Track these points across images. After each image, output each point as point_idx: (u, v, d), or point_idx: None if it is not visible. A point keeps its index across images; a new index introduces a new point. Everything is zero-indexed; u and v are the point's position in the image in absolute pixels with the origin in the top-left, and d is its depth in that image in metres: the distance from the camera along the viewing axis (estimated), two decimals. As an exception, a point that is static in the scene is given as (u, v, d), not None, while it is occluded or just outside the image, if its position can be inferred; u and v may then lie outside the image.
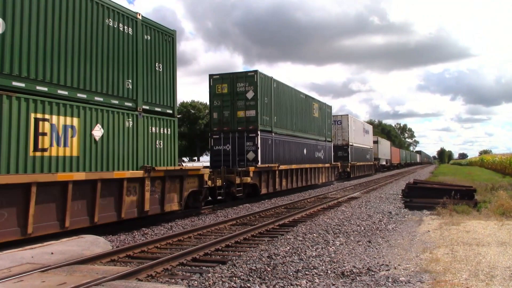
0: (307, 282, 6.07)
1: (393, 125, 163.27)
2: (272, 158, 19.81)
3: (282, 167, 20.67)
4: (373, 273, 6.53)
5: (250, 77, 18.87)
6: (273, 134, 20.18)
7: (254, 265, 7.05)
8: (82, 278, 6.12)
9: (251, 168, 17.45)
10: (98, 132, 10.27)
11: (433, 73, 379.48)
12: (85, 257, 7.48)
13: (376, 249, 8.34)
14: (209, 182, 14.53)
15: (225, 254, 8.36)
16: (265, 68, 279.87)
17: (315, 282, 6.11)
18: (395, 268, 6.79)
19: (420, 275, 6.36)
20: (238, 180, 16.51)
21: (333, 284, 5.97)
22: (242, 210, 15.25)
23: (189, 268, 7.29)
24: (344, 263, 7.19)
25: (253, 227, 10.82)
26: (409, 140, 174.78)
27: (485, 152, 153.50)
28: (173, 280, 6.48)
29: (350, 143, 37.13)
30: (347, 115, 38.06)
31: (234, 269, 6.86)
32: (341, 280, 6.20)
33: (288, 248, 8.40)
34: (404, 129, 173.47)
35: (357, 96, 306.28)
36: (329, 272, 6.63)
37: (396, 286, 5.86)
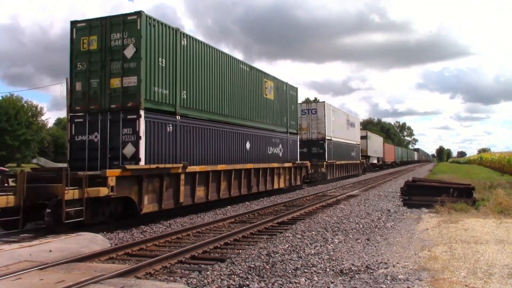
0: (305, 280, 6.07)
1: (392, 123, 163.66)
2: (174, 155, 12.70)
3: (194, 168, 13.40)
4: (371, 271, 6.53)
5: (130, 24, 11.73)
6: (178, 117, 12.97)
7: (253, 263, 7.05)
8: (80, 276, 6.11)
9: (112, 172, 10.33)
10: None
11: (433, 72, 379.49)
12: (84, 255, 7.47)
13: (375, 247, 8.35)
14: None
15: (224, 252, 8.36)
16: (265, 66, 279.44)
17: (314, 280, 6.11)
18: (393, 266, 6.80)
19: (418, 273, 6.36)
20: (72, 194, 9.37)
21: (332, 282, 5.97)
22: (242, 208, 15.23)
23: (188, 266, 7.28)
24: (342, 261, 7.19)
25: (252, 225, 10.82)
26: (408, 138, 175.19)
27: (483, 150, 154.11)
28: (171, 278, 6.47)
29: (327, 137, 30.16)
30: (323, 102, 30.94)
31: (233, 267, 6.86)
32: (340, 278, 6.20)
33: (287, 246, 8.40)
34: (403, 127, 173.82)
35: (357, 94, 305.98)
36: (327, 270, 6.63)
37: (395, 284, 5.86)
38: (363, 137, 46.15)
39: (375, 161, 53.46)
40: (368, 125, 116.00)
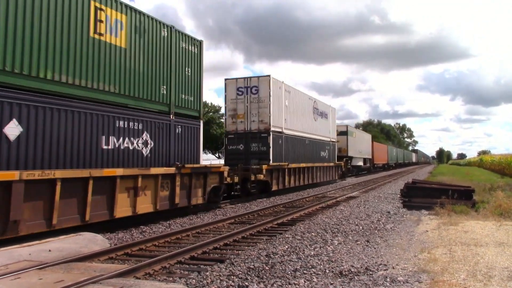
0: (305, 281, 6.06)
1: (393, 125, 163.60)
2: None
3: None
4: (371, 272, 6.53)
5: None
6: None
7: (252, 264, 7.05)
8: (79, 275, 6.11)
9: None
10: None
11: (433, 73, 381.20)
12: (83, 255, 7.46)
13: (375, 248, 8.34)
14: None
15: (224, 252, 8.35)
16: (265, 67, 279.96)
17: (313, 281, 6.11)
18: (393, 268, 6.79)
19: (418, 275, 6.35)
20: None
21: (331, 284, 5.97)
22: (241, 209, 15.22)
23: (187, 266, 7.28)
24: (342, 262, 7.18)
25: (252, 225, 10.81)
26: (408, 140, 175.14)
27: (484, 152, 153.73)
28: (171, 279, 6.47)
29: (274, 128, 20.28)
30: (268, 76, 20.15)
31: (232, 267, 6.86)
32: (339, 280, 6.19)
33: (286, 247, 8.40)
34: (403, 129, 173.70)
35: (357, 95, 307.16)
36: (327, 271, 6.62)
37: (394, 285, 5.86)
38: (343, 133, 36.59)
39: (360, 163, 43.70)
40: (368, 126, 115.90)
